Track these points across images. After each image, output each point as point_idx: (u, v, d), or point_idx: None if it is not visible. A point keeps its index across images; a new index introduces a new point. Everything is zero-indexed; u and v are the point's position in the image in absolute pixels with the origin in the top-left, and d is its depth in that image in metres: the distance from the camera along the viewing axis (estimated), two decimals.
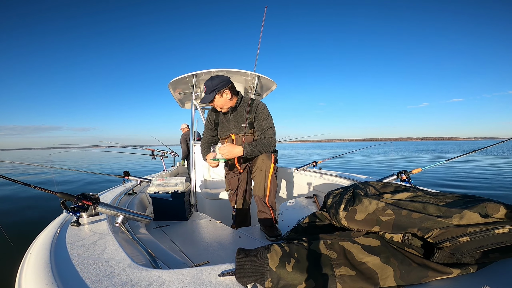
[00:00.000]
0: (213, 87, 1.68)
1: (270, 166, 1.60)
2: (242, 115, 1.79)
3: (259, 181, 1.62)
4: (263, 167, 1.60)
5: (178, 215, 1.80)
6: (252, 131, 1.79)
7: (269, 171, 1.60)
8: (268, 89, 3.65)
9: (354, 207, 0.97)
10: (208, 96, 1.70)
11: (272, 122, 1.79)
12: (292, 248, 0.79)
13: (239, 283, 0.71)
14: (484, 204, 0.82)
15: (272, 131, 1.76)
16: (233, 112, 1.81)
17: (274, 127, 1.79)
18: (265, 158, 1.62)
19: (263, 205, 1.62)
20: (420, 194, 1.00)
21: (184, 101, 4.36)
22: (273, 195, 1.64)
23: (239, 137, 1.81)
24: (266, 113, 1.76)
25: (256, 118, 1.76)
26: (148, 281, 0.70)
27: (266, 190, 1.60)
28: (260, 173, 1.61)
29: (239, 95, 1.81)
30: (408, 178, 1.91)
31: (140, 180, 2.49)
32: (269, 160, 1.61)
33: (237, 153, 1.61)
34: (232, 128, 1.83)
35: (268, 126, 1.75)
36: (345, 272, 0.72)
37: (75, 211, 1.19)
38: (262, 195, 1.62)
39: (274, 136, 1.77)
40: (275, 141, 1.74)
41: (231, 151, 1.60)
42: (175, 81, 3.20)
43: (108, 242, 0.97)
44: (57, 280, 0.69)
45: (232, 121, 1.82)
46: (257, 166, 1.64)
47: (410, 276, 0.72)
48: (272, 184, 1.62)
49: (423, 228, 0.79)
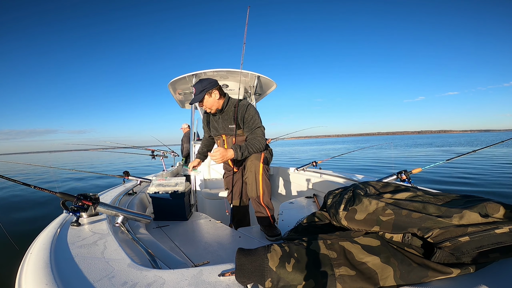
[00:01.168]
0: (202, 88, 1.74)
1: (259, 166, 1.62)
2: (230, 116, 1.82)
3: (251, 182, 1.64)
4: (253, 168, 1.63)
5: (178, 215, 1.80)
6: (240, 132, 1.83)
7: (259, 171, 1.62)
8: (268, 89, 3.65)
9: (354, 207, 0.97)
10: (198, 96, 1.75)
11: (260, 122, 1.80)
12: (292, 248, 0.79)
13: (239, 283, 0.71)
14: (484, 204, 0.82)
15: (260, 130, 1.77)
16: (221, 113, 1.85)
17: (263, 126, 1.81)
18: (253, 159, 1.65)
19: (258, 205, 1.64)
20: (420, 194, 1.00)
21: (184, 101, 4.36)
22: (268, 194, 1.65)
23: (229, 138, 1.85)
24: (252, 113, 1.78)
25: (243, 118, 1.78)
26: (148, 281, 0.70)
27: (259, 190, 1.62)
28: (251, 174, 1.64)
29: (226, 96, 1.85)
30: (408, 178, 1.91)
31: (140, 180, 2.49)
32: (257, 160, 1.64)
33: (229, 157, 1.61)
34: (221, 129, 1.88)
35: (255, 126, 1.76)
36: (345, 272, 0.72)
37: (75, 211, 1.19)
38: (255, 195, 1.63)
39: (263, 135, 1.78)
40: (264, 140, 1.76)
41: (224, 156, 1.59)
42: (175, 81, 3.20)
43: (108, 242, 0.97)
44: (57, 280, 0.69)
45: (220, 122, 1.87)
46: (248, 167, 1.67)
47: (410, 276, 0.72)
48: (264, 183, 1.63)
49: (423, 228, 0.79)
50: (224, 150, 1.60)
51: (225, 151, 1.60)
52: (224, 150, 1.60)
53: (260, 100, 4.10)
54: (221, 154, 1.58)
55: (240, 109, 1.79)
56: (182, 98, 3.99)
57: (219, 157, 1.57)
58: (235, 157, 1.62)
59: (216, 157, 1.58)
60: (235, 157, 1.62)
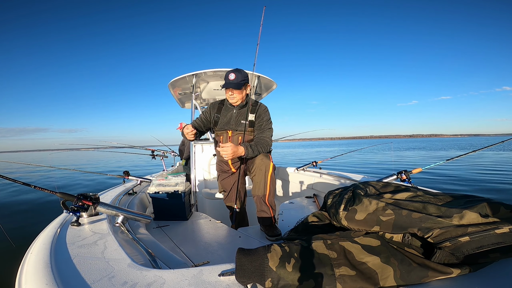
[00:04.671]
0: (243, 78, 1.72)
1: (269, 165, 1.61)
2: (245, 112, 1.82)
3: (259, 180, 1.62)
4: (263, 167, 1.61)
5: (178, 215, 1.80)
6: (251, 130, 1.81)
7: (269, 170, 1.61)
8: (268, 89, 3.65)
9: (354, 207, 0.97)
10: (239, 83, 1.71)
11: (271, 125, 1.85)
12: (292, 248, 0.79)
13: (239, 283, 0.71)
14: (484, 204, 0.82)
15: (270, 132, 1.82)
16: (240, 109, 1.83)
17: (272, 129, 1.85)
18: (264, 157, 1.64)
19: (262, 204, 1.63)
20: (420, 194, 1.00)
21: (184, 101, 4.35)
22: (273, 194, 1.65)
23: (235, 135, 1.82)
24: (268, 115, 1.84)
25: (258, 117, 1.81)
26: (148, 281, 0.70)
27: (266, 189, 1.61)
28: (260, 172, 1.62)
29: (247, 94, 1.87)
30: (408, 178, 1.91)
31: (140, 180, 2.49)
32: (268, 159, 1.63)
33: (239, 154, 1.61)
34: (232, 124, 1.83)
35: (267, 127, 1.81)
36: (345, 272, 0.72)
37: (75, 211, 1.19)
38: (262, 194, 1.62)
39: (271, 137, 1.82)
40: (271, 142, 1.80)
41: (235, 152, 1.58)
42: (175, 81, 3.20)
43: (108, 242, 0.97)
44: (57, 280, 0.69)
45: (234, 116, 1.83)
46: (257, 165, 1.64)
47: (410, 276, 0.72)
48: (272, 183, 1.63)
49: (423, 228, 0.79)
50: (234, 146, 1.58)
51: (236, 147, 1.58)
52: (235, 146, 1.58)
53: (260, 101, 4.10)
54: (232, 150, 1.55)
55: (260, 108, 1.82)
56: (182, 98, 3.99)
57: (230, 152, 1.55)
58: (245, 154, 1.61)
59: (227, 152, 1.55)
60: (245, 154, 1.61)
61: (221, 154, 1.60)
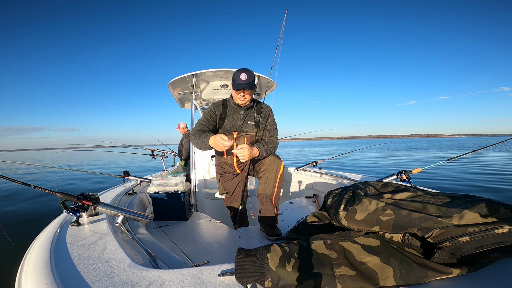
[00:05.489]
0: (253, 78, 1.70)
1: (280, 165, 1.64)
2: (251, 113, 1.82)
3: (269, 179, 1.64)
4: (274, 166, 1.63)
5: (178, 215, 1.80)
6: (256, 131, 1.82)
7: (279, 170, 1.63)
8: (268, 89, 3.64)
9: (354, 207, 0.97)
10: (251, 84, 1.67)
11: (276, 125, 1.89)
12: (292, 248, 0.79)
13: (239, 283, 0.71)
14: (484, 204, 0.82)
15: (277, 132, 1.86)
16: (246, 109, 1.81)
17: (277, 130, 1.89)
18: (275, 157, 1.67)
19: (268, 203, 1.63)
20: (420, 194, 1.00)
21: (184, 101, 4.35)
22: (279, 194, 1.67)
23: (241, 136, 1.80)
24: (273, 115, 1.88)
25: (264, 118, 1.83)
26: (148, 281, 0.70)
27: (275, 189, 1.63)
28: (271, 172, 1.64)
29: None
30: (408, 178, 1.91)
31: (140, 180, 2.49)
32: (279, 159, 1.66)
33: (254, 155, 1.60)
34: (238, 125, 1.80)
35: (273, 127, 1.85)
36: (345, 272, 0.72)
37: (75, 211, 1.19)
38: (270, 193, 1.63)
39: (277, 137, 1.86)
40: (278, 142, 1.83)
41: (251, 153, 1.56)
42: (175, 81, 3.20)
43: (108, 242, 0.97)
44: (57, 280, 0.69)
45: (241, 117, 1.80)
46: (268, 165, 1.66)
47: (410, 276, 0.72)
48: (280, 183, 1.65)
49: (423, 228, 0.79)
50: (249, 147, 1.56)
51: (251, 148, 1.57)
52: (250, 147, 1.57)
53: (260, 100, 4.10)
54: (249, 151, 1.54)
55: (265, 109, 1.85)
56: (182, 98, 3.99)
57: (247, 153, 1.52)
58: (259, 155, 1.62)
59: (244, 154, 1.52)
60: (259, 155, 1.62)
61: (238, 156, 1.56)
